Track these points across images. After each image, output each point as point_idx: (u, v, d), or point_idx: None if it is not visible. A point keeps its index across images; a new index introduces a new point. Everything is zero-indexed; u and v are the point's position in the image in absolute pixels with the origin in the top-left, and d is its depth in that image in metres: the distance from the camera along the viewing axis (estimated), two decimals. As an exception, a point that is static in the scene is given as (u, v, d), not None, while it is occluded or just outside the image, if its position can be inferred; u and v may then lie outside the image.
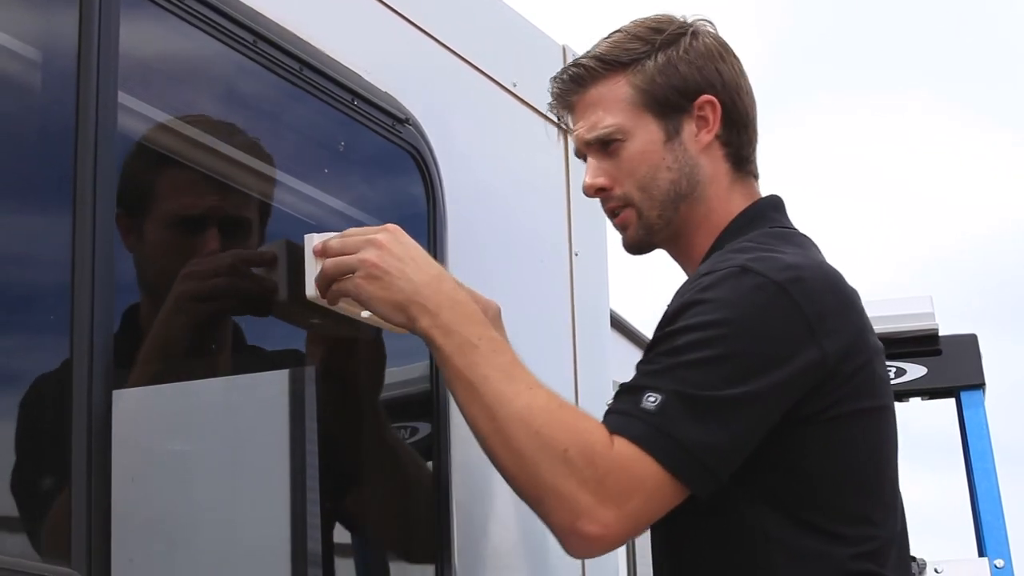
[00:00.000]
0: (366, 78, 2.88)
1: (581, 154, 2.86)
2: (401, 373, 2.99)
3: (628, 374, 2.63)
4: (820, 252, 2.76)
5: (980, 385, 7.31)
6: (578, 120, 2.84)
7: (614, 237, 2.93)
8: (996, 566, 6.79)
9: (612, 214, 2.84)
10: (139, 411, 2.43)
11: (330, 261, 2.57)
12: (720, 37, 2.85)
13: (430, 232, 2.99)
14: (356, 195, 3.00)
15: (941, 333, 7.37)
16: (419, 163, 3.00)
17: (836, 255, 2.80)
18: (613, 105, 2.78)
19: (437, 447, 2.93)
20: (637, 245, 2.84)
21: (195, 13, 2.47)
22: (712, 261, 2.67)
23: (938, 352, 7.36)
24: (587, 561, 3.32)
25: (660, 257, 2.91)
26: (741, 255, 2.61)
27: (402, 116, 2.96)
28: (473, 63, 3.28)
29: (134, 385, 2.44)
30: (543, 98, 3.50)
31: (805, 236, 2.78)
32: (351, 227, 2.70)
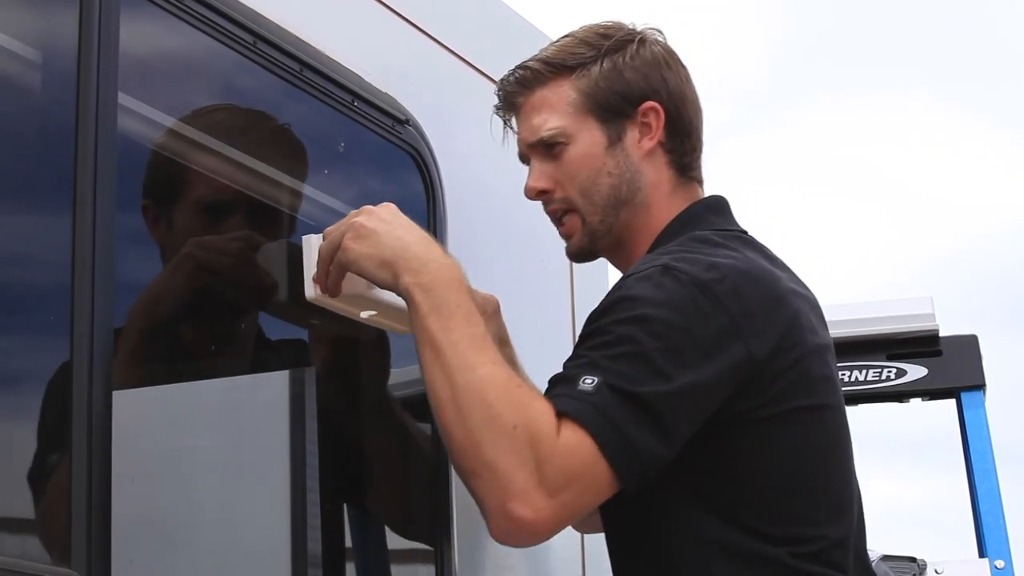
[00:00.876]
0: (366, 79, 2.88)
1: (525, 157, 2.86)
2: (402, 373, 2.99)
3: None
4: (761, 251, 2.74)
5: (980, 386, 7.32)
6: (522, 122, 2.84)
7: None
8: (996, 567, 6.80)
9: (556, 220, 2.84)
10: (139, 412, 2.43)
11: (325, 241, 2.58)
12: (668, 46, 2.85)
13: (430, 232, 2.99)
14: (356, 196, 3.00)
15: (941, 334, 7.38)
16: (419, 164, 3.00)
17: (836, 255, 2.79)
18: (557, 108, 2.78)
19: (437, 445, 2.93)
20: (581, 252, 2.84)
21: (195, 14, 2.47)
22: (638, 263, 2.67)
23: (938, 353, 7.37)
24: (587, 562, 3.32)
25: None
26: (665, 256, 2.62)
27: (402, 117, 2.96)
28: (473, 64, 3.28)
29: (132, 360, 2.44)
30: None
31: (742, 236, 2.76)
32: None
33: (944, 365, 7.35)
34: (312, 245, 2.62)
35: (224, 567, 2.58)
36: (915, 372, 7.36)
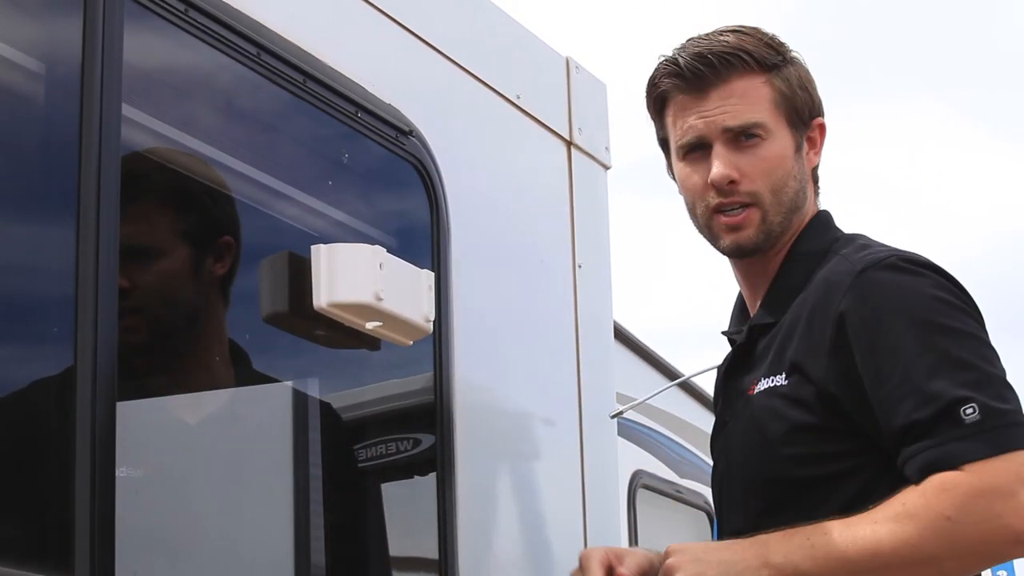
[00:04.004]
0: (370, 90, 2.88)
1: (703, 142, 2.79)
2: (406, 384, 2.99)
3: (631, 385, 2.63)
4: None
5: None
6: (714, 103, 2.78)
7: (617, 249, 2.92)
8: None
9: (728, 209, 2.78)
10: (143, 423, 2.43)
11: None
12: (785, 45, 2.88)
13: (433, 244, 2.99)
14: (360, 207, 3.00)
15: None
16: (423, 175, 3.00)
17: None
18: (758, 101, 2.78)
19: (441, 458, 2.93)
20: (752, 247, 2.79)
21: (199, 25, 2.47)
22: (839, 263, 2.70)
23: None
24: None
25: (662, 268, 2.91)
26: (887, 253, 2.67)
27: (406, 128, 2.96)
28: (477, 75, 3.28)
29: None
30: (546, 110, 3.51)
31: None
32: (356, 239, 2.71)
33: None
34: (321, 255, 2.62)
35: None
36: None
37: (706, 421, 7.33)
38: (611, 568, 2.65)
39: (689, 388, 7.54)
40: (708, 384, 6.14)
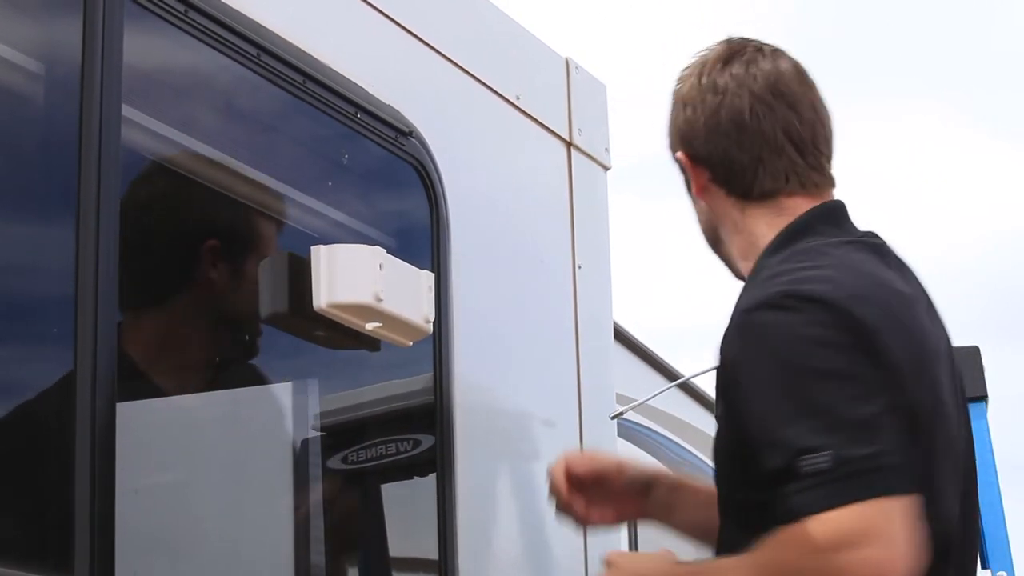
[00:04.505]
0: (370, 91, 2.88)
1: None
2: (406, 385, 3.00)
3: (631, 386, 2.63)
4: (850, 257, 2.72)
5: (983, 397, 7.30)
6: None
7: (617, 249, 2.92)
8: (999, 579, 6.79)
9: None
10: (143, 424, 2.43)
11: None
12: (692, 77, 2.81)
13: (433, 244, 2.99)
14: (360, 207, 3.00)
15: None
16: (423, 176, 3.01)
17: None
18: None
19: (441, 458, 2.93)
20: (734, 276, 2.88)
21: (198, 26, 2.47)
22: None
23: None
24: (589, 569, 3.32)
25: (662, 269, 2.93)
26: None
27: (406, 129, 2.96)
28: (477, 76, 3.28)
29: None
30: (546, 111, 3.51)
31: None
32: (355, 240, 2.71)
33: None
34: (320, 256, 2.63)
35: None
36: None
37: (706, 422, 7.34)
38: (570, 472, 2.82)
39: (689, 389, 7.54)
40: (708, 384, 6.14)
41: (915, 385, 2.53)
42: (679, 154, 2.80)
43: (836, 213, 2.80)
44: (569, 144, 3.59)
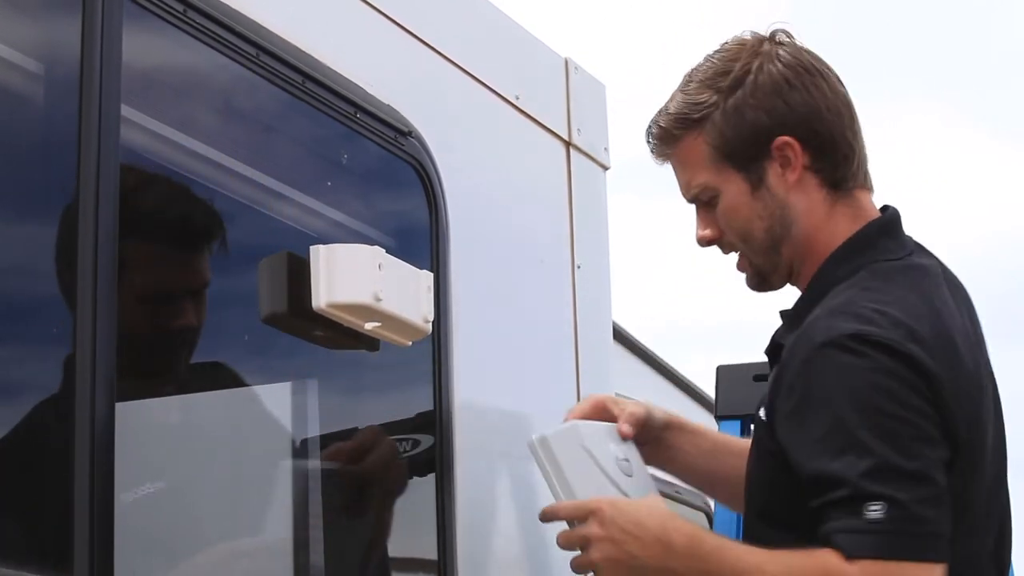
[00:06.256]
0: (369, 91, 2.88)
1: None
2: (405, 385, 2.99)
3: (630, 386, 2.64)
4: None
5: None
6: (676, 176, 2.86)
7: (617, 249, 2.92)
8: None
9: (731, 256, 2.85)
10: (143, 424, 2.43)
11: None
12: (794, 57, 2.77)
13: (432, 245, 2.99)
14: (359, 207, 3.00)
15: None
16: (422, 176, 3.00)
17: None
18: (696, 164, 2.78)
19: (440, 458, 2.93)
20: (758, 288, 2.85)
21: (198, 26, 2.47)
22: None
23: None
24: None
25: (662, 271, 2.93)
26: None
27: (405, 129, 2.96)
28: (476, 76, 3.28)
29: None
30: (545, 111, 3.52)
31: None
32: (354, 240, 2.71)
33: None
34: (320, 255, 2.62)
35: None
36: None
37: (705, 421, 7.32)
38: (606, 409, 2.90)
39: (689, 389, 7.55)
40: (708, 384, 6.14)
41: (968, 430, 2.60)
42: (784, 138, 2.73)
43: (896, 224, 2.81)
44: (568, 144, 3.59)
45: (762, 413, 2.70)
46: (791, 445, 2.59)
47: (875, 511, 2.47)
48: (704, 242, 2.83)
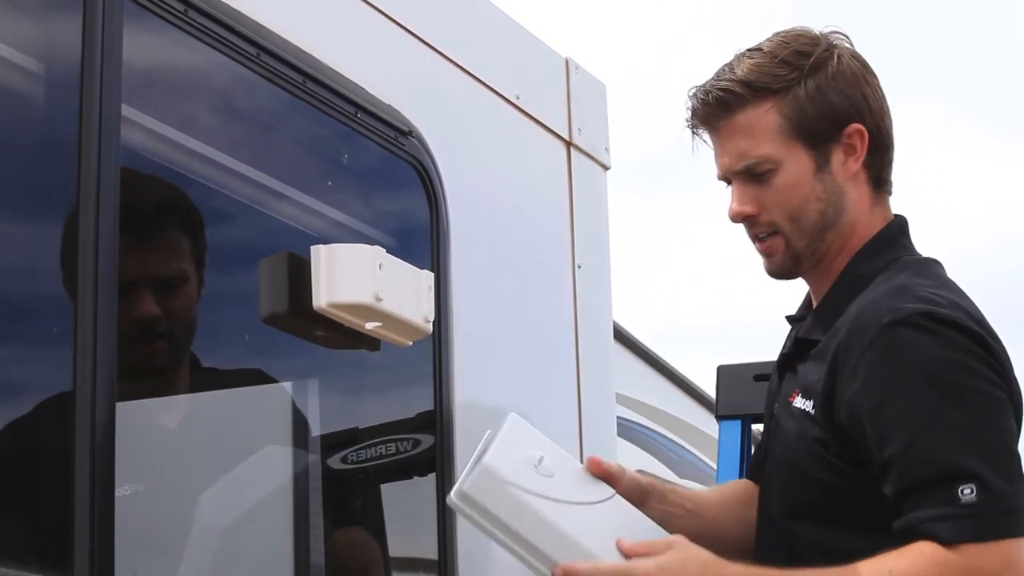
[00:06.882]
0: (369, 91, 2.88)
1: (724, 179, 2.81)
2: (405, 385, 2.99)
3: (631, 386, 2.63)
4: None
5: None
6: (723, 145, 2.78)
7: (617, 249, 2.92)
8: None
9: (756, 239, 2.80)
10: (143, 424, 2.43)
11: None
12: (860, 56, 2.81)
13: (433, 244, 2.99)
14: (360, 207, 3.00)
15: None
16: (422, 175, 3.00)
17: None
18: (763, 134, 2.74)
19: (440, 458, 2.93)
20: (783, 273, 2.82)
21: (198, 26, 2.47)
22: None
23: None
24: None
25: (662, 271, 2.92)
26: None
27: (405, 128, 2.96)
28: (477, 76, 3.28)
29: None
30: (546, 111, 3.51)
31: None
32: (355, 240, 2.71)
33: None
34: (320, 255, 2.62)
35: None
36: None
37: (705, 421, 7.33)
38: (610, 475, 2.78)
39: (689, 389, 7.54)
40: (708, 384, 6.14)
41: (1019, 410, 2.63)
42: (857, 125, 2.75)
43: (907, 226, 2.87)
44: (569, 144, 3.59)
45: (801, 404, 2.67)
46: (864, 427, 2.56)
47: (968, 494, 2.46)
48: (739, 218, 2.78)
